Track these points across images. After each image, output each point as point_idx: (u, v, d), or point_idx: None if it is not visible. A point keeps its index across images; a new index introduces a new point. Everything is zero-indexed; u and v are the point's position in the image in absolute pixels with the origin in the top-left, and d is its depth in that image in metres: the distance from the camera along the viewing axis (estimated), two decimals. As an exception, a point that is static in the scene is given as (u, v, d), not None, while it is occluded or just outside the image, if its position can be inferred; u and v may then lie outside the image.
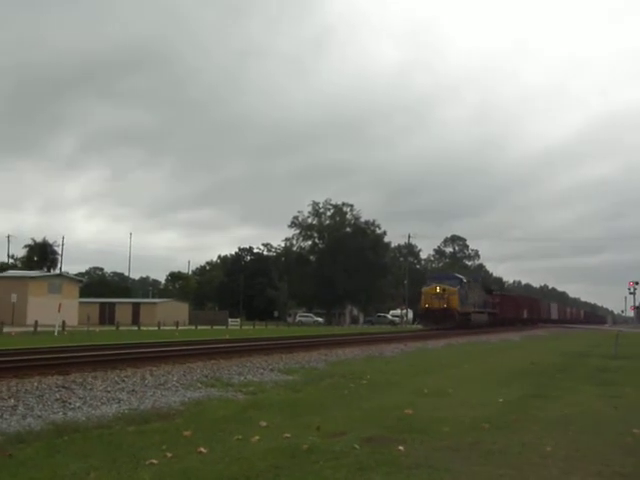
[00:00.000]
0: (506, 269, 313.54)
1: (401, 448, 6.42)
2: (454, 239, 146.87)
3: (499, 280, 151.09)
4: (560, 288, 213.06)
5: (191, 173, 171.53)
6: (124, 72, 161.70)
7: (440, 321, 46.71)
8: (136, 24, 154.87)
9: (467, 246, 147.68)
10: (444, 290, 47.89)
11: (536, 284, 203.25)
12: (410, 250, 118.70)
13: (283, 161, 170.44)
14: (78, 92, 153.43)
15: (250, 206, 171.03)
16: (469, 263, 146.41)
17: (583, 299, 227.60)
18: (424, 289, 50.14)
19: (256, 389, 11.68)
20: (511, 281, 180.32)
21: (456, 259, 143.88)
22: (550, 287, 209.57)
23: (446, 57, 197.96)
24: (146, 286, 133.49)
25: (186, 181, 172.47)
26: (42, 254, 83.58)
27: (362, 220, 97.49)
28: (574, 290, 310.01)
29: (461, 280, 51.36)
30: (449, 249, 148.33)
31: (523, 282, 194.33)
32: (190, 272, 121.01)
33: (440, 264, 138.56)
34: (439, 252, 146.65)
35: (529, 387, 12.33)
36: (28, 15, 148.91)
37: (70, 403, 9.40)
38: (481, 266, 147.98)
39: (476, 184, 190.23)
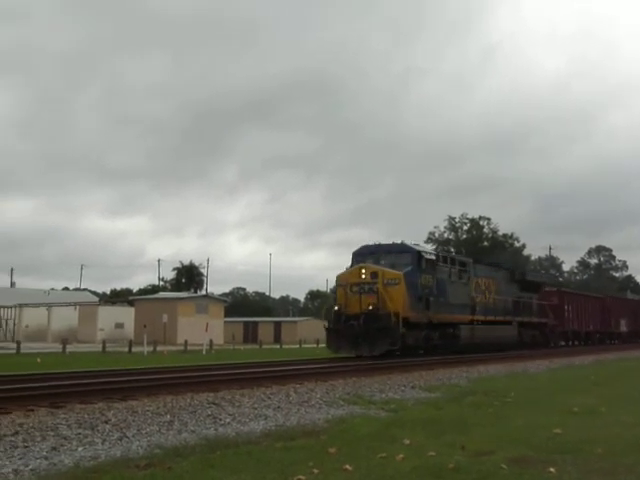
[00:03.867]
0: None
1: (552, 470, 6.18)
2: (599, 250, 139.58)
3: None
4: None
5: (343, 193, 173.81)
6: (286, 103, 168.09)
7: (361, 340, 22.72)
8: (299, 58, 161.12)
9: (614, 257, 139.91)
10: (375, 274, 23.55)
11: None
12: (552, 262, 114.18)
13: (434, 177, 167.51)
14: (243, 123, 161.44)
15: (397, 223, 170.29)
16: (616, 274, 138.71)
17: None
18: (339, 274, 25.35)
19: (398, 406, 11.63)
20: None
21: (601, 271, 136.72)
22: None
23: (614, 61, 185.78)
24: (286, 305, 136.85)
25: (338, 201, 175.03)
26: (189, 276, 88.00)
27: (500, 233, 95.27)
28: None
29: (419, 255, 24.93)
30: (594, 260, 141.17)
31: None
32: (328, 290, 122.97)
33: (584, 276, 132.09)
34: (583, 264, 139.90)
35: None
36: (200, 58, 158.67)
37: (220, 419, 9.80)
38: (630, 277, 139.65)
39: (636, 192, 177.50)
